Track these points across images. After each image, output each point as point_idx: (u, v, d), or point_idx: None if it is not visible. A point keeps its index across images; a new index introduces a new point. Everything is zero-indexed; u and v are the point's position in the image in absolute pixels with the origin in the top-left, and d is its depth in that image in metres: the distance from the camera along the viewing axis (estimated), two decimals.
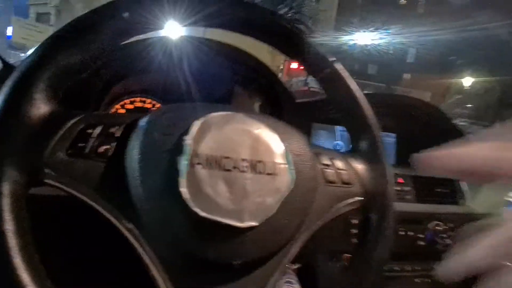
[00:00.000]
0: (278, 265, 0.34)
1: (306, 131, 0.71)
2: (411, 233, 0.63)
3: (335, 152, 0.43)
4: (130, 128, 0.33)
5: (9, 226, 0.27)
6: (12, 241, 0.26)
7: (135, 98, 0.64)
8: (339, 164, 0.41)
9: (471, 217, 0.72)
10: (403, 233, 0.62)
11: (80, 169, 0.30)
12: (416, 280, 0.67)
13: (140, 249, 0.30)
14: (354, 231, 0.63)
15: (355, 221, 0.63)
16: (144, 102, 0.65)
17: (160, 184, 0.30)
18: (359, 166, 0.42)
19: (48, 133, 0.30)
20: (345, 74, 0.43)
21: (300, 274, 0.60)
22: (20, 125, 0.28)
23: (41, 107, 0.30)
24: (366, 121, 0.43)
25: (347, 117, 0.45)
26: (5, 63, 0.63)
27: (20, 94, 0.29)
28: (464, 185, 0.74)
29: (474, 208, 0.73)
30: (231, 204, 0.31)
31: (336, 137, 0.79)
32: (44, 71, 0.30)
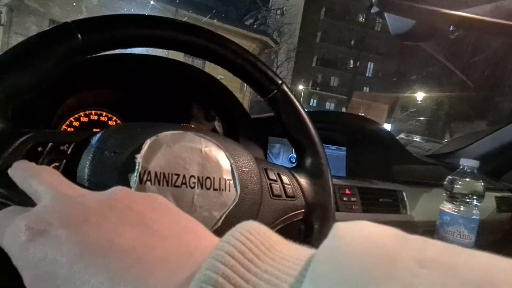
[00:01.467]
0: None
1: (262, 145, 0.74)
2: None
3: (282, 168, 0.47)
4: (81, 146, 0.34)
5: None
6: None
7: (91, 111, 0.64)
8: (285, 179, 0.45)
9: (411, 225, 0.79)
10: None
11: None
12: None
13: None
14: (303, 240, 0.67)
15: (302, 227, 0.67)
16: (100, 115, 0.65)
17: None
18: (303, 181, 0.46)
19: None
20: (291, 96, 0.47)
21: None
22: None
23: None
24: (310, 140, 0.47)
25: (293, 136, 0.49)
26: None
27: None
28: (405, 196, 0.81)
29: (414, 216, 0.81)
30: None
31: (291, 150, 0.83)
32: None
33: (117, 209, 0.21)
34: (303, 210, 0.45)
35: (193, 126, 0.75)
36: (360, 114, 0.97)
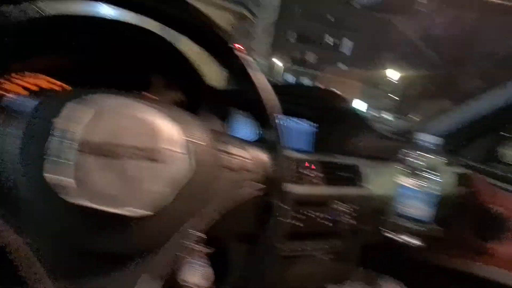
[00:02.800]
0: (174, 251, 0.36)
1: (223, 117, 0.73)
2: (316, 214, 0.69)
3: (240, 141, 0.45)
4: (10, 114, 0.31)
5: None
6: None
7: (41, 78, 0.59)
8: (240, 152, 0.44)
9: (370, 198, 0.82)
10: (309, 214, 0.68)
11: None
12: (319, 256, 0.75)
13: (19, 248, 0.28)
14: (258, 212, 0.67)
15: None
16: (51, 83, 0.60)
17: (43, 173, 0.29)
18: (259, 154, 0.45)
19: None
20: (252, 66, 0.45)
21: (214, 258, 0.63)
22: None
23: None
24: (267, 113, 0.46)
25: (252, 108, 0.47)
26: None
27: None
28: (364, 169, 0.83)
29: (372, 190, 0.83)
30: (121, 192, 0.31)
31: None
32: None
33: None
34: (262, 184, 0.44)
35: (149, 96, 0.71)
36: (331, 89, 0.96)
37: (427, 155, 0.78)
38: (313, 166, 0.74)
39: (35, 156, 0.29)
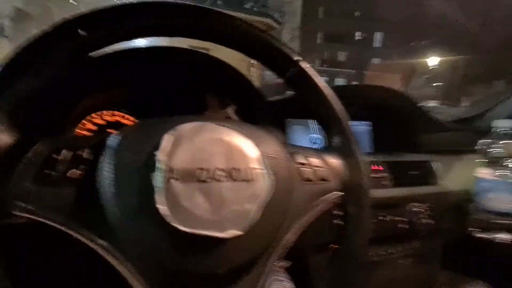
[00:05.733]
0: (264, 269, 0.35)
1: (280, 128, 0.71)
2: (391, 217, 0.65)
3: (310, 150, 0.44)
4: (97, 149, 0.32)
5: None
6: None
7: (102, 112, 0.62)
8: (314, 161, 0.42)
9: (445, 195, 0.76)
10: (384, 218, 0.64)
11: (48, 197, 0.29)
12: (400, 261, 0.70)
13: (119, 267, 0.30)
14: (338, 221, 0.64)
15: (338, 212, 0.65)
16: (113, 115, 0.63)
17: (136, 202, 0.29)
18: (334, 161, 0.43)
19: (11, 163, 0.28)
20: (311, 72, 0.43)
21: (292, 271, 0.61)
22: None
23: (0, 137, 0.28)
24: (335, 117, 0.44)
25: (317, 115, 0.45)
26: None
27: None
28: (435, 165, 0.77)
29: (447, 186, 0.77)
30: (210, 215, 0.31)
31: (311, 131, 0.80)
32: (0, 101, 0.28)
33: None
34: (337, 192, 0.42)
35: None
36: (384, 86, 0.92)
37: (504, 140, 0.70)
38: (380, 167, 0.70)
39: (127, 187, 0.30)
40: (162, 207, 0.29)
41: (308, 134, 0.79)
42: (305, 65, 0.43)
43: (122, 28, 0.34)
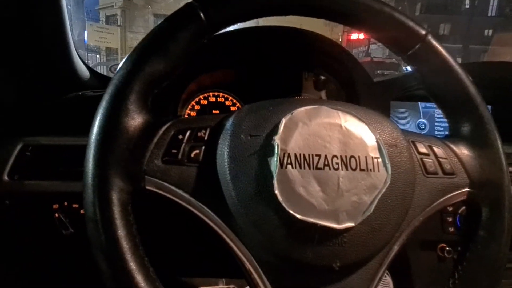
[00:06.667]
0: (380, 266, 0.32)
1: (385, 111, 0.65)
2: None
3: (432, 138, 0.39)
4: (217, 130, 0.33)
5: (121, 232, 0.29)
6: (125, 245, 0.28)
7: (208, 93, 0.65)
8: (439, 151, 0.37)
9: None
10: None
11: (175, 175, 0.31)
12: None
13: (237, 251, 0.31)
14: (449, 218, 0.57)
15: (450, 208, 0.57)
16: (217, 96, 0.66)
17: (252, 187, 0.30)
18: (463, 153, 0.37)
19: (145, 142, 0.31)
20: (440, 48, 0.37)
21: (391, 267, 0.57)
22: (120, 137, 0.30)
23: (135, 117, 0.31)
24: (470, 100, 0.37)
25: (444, 97, 0.39)
26: (93, 71, 0.68)
27: (117, 108, 0.30)
28: None
29: None
30: (326, 204, 0.29)
31: (419, 115, 0.72)
32: (135, 83, 0.31)
33: None
34: (466, 189, 0.36)
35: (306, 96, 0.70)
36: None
37: None
38: None
39: (243, 171, 0.30)
40: (280, 193, 0.29)
41: (415, 119, 0.71)
42: (433, 40, 0.37)
43: (241, 8, 0.33)
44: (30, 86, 0.61)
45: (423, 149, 0.36)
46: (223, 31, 0.36)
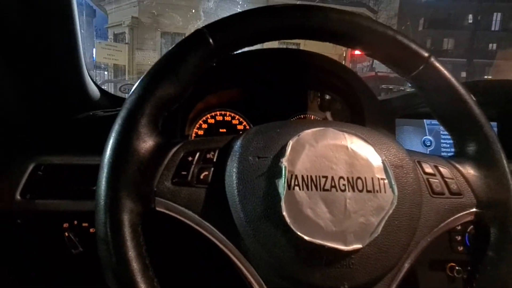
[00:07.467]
0: (388, 285, 0.32)
1: (390, 128, 0.66)
2: None
3: (438, 158, 0.39)
4: (225, 152, 0.34)
5: (132, 253, 0.29)
6: (135, 267, 0.29)
7: (216, 112, 0.66)
8: (445, 171, 0.37)
9: None
10: None
11: (185, 197, 0.32)
12: None
13: (245, 272, 0.31)
14: (458, 237, 0.57)
15: (458, 227, 0.57)
16: (224, 115, 0.67)
17: (260, 208, 0.30)
18: (470, 173, 0.37)
19: (155, 164, 0.32)
20: (443, 70, 0.38)
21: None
22: (131, 159, 0.31)
23: (146, 140, 0.32)
24: (474, 120, 0.38)
25: (448, 117, 0.40)
26: (104, 91, 0.70)
27: (129, 131, 0.31)
28: None
29: None
30: (333, 226, 0.30)
31: (425, 132, 0.72)
32: (146, 106, 0.32)
33: None
34: (474, 209, 0.36)
35: (313, 117, 0.71)
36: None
37: None
38: None
39: (251, 193, 0.31)
40: (288, 215, 0.29)
41: (420, 136, 0.71)
42: (436, 62, 0.38)
43: (248, 34, 0.35)
44: (43, 107, 0.63)
45: (429, 169, 0.37)
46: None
